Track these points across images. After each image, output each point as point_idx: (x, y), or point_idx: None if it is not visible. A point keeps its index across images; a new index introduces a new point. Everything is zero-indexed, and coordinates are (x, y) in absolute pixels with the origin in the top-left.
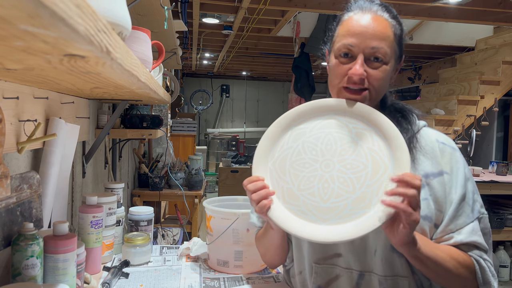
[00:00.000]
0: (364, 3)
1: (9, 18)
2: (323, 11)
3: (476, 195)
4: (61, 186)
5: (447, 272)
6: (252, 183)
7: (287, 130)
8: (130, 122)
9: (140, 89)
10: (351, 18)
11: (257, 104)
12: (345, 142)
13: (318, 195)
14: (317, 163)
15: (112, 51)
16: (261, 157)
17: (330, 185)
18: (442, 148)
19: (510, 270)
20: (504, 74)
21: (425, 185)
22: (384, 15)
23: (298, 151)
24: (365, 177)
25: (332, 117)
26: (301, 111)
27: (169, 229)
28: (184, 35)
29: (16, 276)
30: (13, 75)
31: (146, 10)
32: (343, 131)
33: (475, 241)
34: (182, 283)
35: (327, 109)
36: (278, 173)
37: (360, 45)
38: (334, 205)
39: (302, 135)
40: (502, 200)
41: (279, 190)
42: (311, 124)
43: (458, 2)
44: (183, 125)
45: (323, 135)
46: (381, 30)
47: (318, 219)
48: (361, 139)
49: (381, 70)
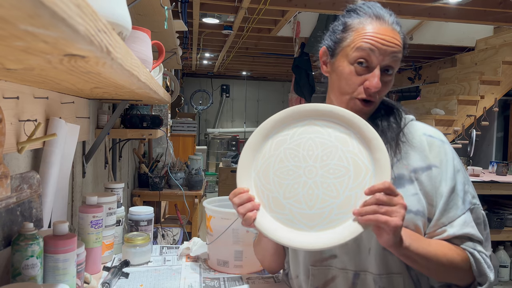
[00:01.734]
0: (378, 11)
1: (9, 18)
2: (323, 11)
3: (467, 186)
4: (61, 186)
5: (440, 267)
6: (237, 196)
7: (267, 139)
8: (130, 122)
9: (140, 89)
10: (367, 26)
11: (257, 104)
12: (326, 146)
13: (304, 202)
14: (300, 170)
15: (112, 51)
16: (244, 168)
17: (315, 191)
18: (430, 141)
19: (510, 270)
20: (504, 74)
21: (414, 180)
22: (396, 27)
23: (281, 158)
24: (348, 181)
25: (311, 122)
26: (279, 118)
27: (169, 229)
28: (184, 35)
29: (16, 276)
30: (13, 75)
31: (146, 10)
32: (323, 136)
33: (467, 233)
34: (182, 283)
35: (304, 114)
36: (263, 182)
37: (380, 57)
38: (320, 211)
39: (283, 143)
40: (502, 200)
41: (265, 200)
42: (291, 130)
43: (458, 2)
44: (183, 125)
45: (304, 141)
46: (397, 44)
47: (305, 227)
48: (341, 142)
49: (389, 81)
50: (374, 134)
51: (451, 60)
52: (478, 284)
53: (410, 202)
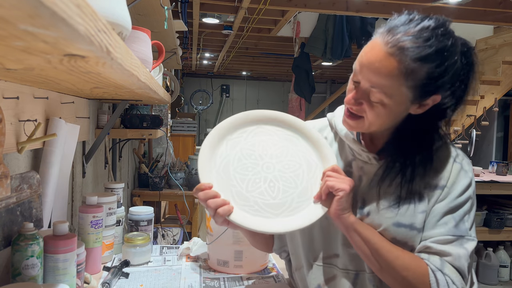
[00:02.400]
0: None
1: (9, 18)
2: (323, 11)
3: (468, 216)
4: (61, 186)
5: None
6: (203, 192)
7: (222, 140)
8: (130, 122)
9: (140, 89)
10: (371, 42)
11: (257, 104)
12: (278, 146)
13: (267, 194)
14: (259, 166)
15: (112, 51)
16: (205, 165)
17: (275, 184)
18: (453, 166)
19: (510, 270)
20: (504, 74)
21: (425, 198)
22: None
23: (238, 157)
24: (303, 174)
25: (261, 126)
26: (232, 121)
27: (169, 229)
28: (184, 35)
29: (16, 276)
30: (13, 75)
31: (146, 10)
32: (274, 138)
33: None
34: (182, 283)
35: (255, 119)
36: (224, 179)
37: (360, 79)
38: (283, 200)
39: (238, 143)
40: (502, 200)
41: (229, 194)
42: (244, 133)
43: (458, 2)
44: (183, 125)
45: (258, 142)
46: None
47: (272, 215)
48: (290, 143)
49: (376, 108)
50: (317, 135)
51: None
52: None
53: (418, 219)
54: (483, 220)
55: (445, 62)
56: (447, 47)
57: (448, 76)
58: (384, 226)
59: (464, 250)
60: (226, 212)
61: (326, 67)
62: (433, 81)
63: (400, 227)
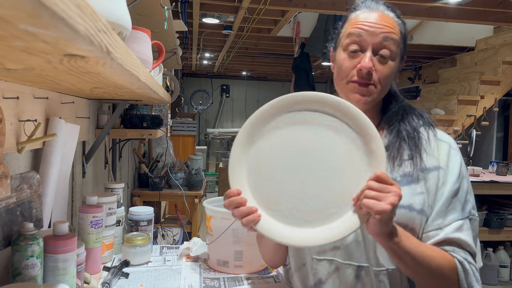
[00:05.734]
0: (371, 3)
1: (9, 18)
2: (323, 11)
3: (469, 195)
4: (61, 186)
5: (427, 271)
6: (228, 200)
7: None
8: (130, 122)
9: (140, 89)
10: (358, 16)
11: (257, 104)
12: (319, 137)
13: (299, 198)
14: (294, 165)
15: (112, 51)
16: (235, 166)
17: (310, 185)
18: (440, 144)
19: (510, 270)
20: (504, 74)
21: (421, 179)
22: (390, 13)
23: (273, 154)
24: (343, 174)
25: (302, 112)
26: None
27: (169, 229)
28: (184, 35)
29: (16, 276)
30: (13, 75)
31: (146, 10)
32: (315, 126)
33: (459, 238)
34: (182, 283)
35: (296, 103)
36: (255, 179)
37: (369, 40)
38: (317, 206)
39: (273, 137)
40: (502, 200)
41: (259, 197)
42: (279, 123)
43: (458, 2)
44: (183, 125)
45: (295, 131)
46: (390, 26)
47: (303, 222)
48: (334, 132)
49: (387, 66)
50: (367, 121)
51: (451, 60)
52: None
53: (415, 200)
54: (483, 220)
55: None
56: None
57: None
58: None
59: (474, 233)
60: (251, 222)
61: (326, 67)
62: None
63: (399, 208)
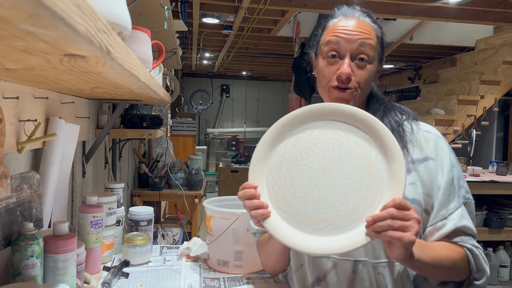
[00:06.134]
0: (347, 10)
1: (9, 18)
2: (323, 11)
3: (461, 181)
4: (61, 186)
5: (445, 270)
6: (243, 191)
7: (285, 135)
8: (130, 122)
9: (140, 89)
10: (336, 23)
11: (257, 104)
12: (342, 150)
13: (312, 204)
14: (313, 171)
15: (112, 51)
16: (258, 162)
17: (324, 194)
18: (426, 136)
19: (510, 270)
20: (504, 74)
21: (412, 170)
22: (366, 19)
23: (296, 157)
24: (360, 189)
25: (331, 122)
26: (299, 114)
27: (169, 229)
28: (184, 35)
29: (16, 276)
30: (13, 75)
31: (146, 10)
32: (341, 138)
33: (465, 225)
34: (182, 283)
35: (326, 113)
36: (274, 178)
37: (347, 46)
38: (327, 216)
39: (300, 140)
40: (502, 200)
41: (274, 196)
42: (309, 129)
43: (458, 2)
44: (183, 125)
45: (321, 141)
46: (366, 32)
47: (310, 229)
48: (359, 147)
49: (366, 70)
50: (394, 143)
51: (451, 60)
52: (474, 279)
53: (407, 190)
54: (483, 220)
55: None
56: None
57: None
58: None
59: (471, 215)
60: (260, 216)
61: None
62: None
63: None
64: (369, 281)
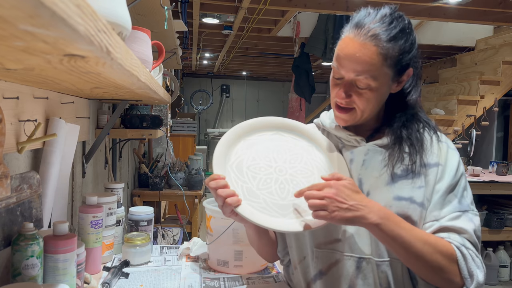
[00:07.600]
0: (361, 21)
1: (9, 18)
2: (323, 11)
3: (466, 192)
4: (61, 186)
5: (420, 257)
6: (215, 181)
7: (240, 139)
8: (130, 122)
9: (140, 89)
10: (341, 44)
11: (257, 104)
12: (292, 153)
13: (276, 194)
14: (271, 168)
15: (112, 51)
16: (219, 160)
17: (286, 186)
18: (441, 145)
19: (510, 270)
20: (504, 74)
21: (422, 174)
22: (371, 42)
23: (253, 157)
24: (313, 180)
25: (279, 133)
26: (252, 124)
27: (169, 229)
28: (184, 35)
29: (16, 276)
30: (13, 75)
31: (146, 10)
32: (290, 145)
33: (454, 225)
34: (182, 283)
35: (275, 125)
36: (237, 174)
37: (345, 74)
38: (292, 203)
39: (254, 144)
40: (502, 200)
41: (239, 189)
42: (261, 136)
43: (458, 2)
44: (183, 125)
45: (274, 146)
46: (364, 62)
47: (278, 214)
48: (306, 152)
49: (365, 95)
50: (332, 147)
51: (451, 60)
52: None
53: (416, 194)
54: (483, 220)
55: (410, 37)
56: (406, 25)
57: (415, 49)
58: (385, 201)
59: (473, 225)
60: (234, 203)
61: (326, 67)
62: (406, 54)
63: (401, 200)
64: (372, 279)
